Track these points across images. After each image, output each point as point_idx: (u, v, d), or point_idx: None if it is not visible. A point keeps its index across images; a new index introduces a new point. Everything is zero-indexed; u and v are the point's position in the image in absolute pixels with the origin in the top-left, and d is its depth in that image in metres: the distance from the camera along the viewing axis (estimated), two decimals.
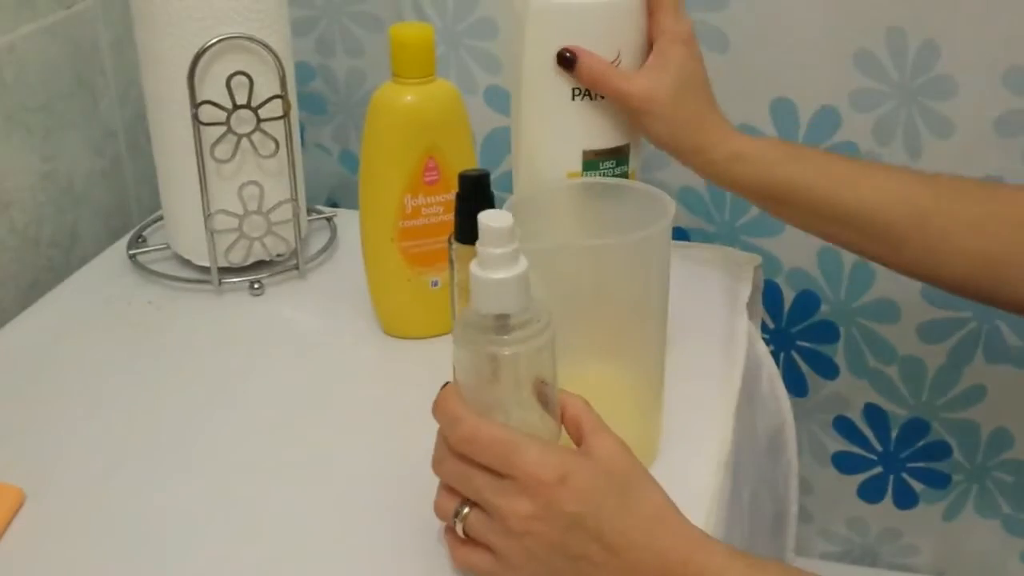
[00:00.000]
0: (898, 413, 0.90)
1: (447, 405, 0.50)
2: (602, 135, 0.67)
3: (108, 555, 0.54)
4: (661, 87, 0.64)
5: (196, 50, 0.69)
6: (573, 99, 0.66)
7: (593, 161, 0.67)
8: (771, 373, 0.76)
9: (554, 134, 0.67)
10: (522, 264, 0.48)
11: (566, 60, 0.64)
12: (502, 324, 0.48)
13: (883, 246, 0.64)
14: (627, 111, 0.65)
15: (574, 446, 0.50)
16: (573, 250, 0.55)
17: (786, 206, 0.66)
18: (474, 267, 0.48)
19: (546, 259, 0.51)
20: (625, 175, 0.68)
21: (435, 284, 0.70)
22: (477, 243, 0.48)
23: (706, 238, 0.90)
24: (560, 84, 0.65)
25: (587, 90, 0.65)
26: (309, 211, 0.83)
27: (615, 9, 0.64)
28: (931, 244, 0.62)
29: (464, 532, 0.50)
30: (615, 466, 0.49)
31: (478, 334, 0.49)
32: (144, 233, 0.83)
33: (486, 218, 0.48)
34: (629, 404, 0.59)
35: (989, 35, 0.74)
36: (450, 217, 0.59)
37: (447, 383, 0.52)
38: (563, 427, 0.51)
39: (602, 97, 0.65)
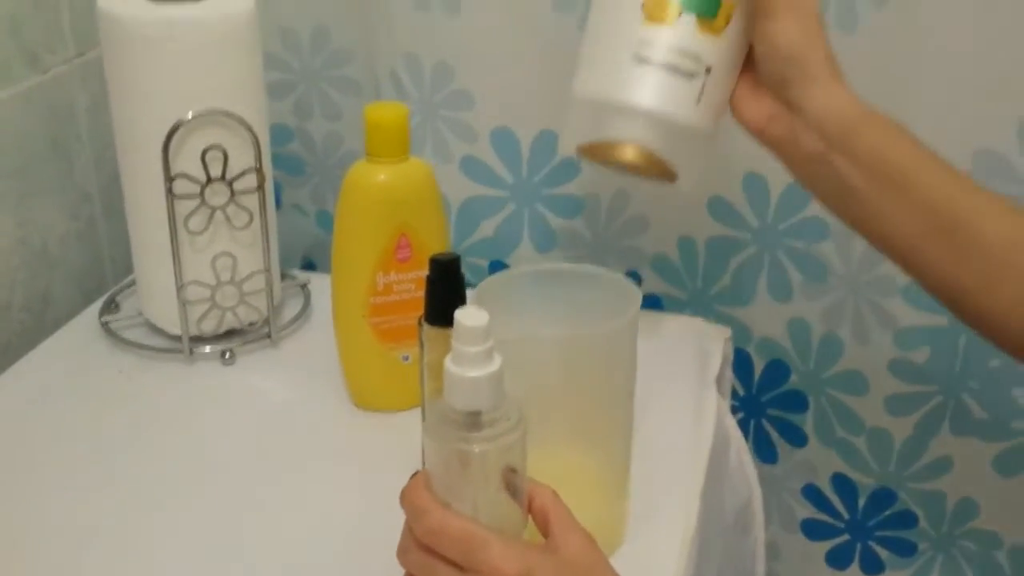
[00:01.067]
0: (865, 482, 0.90)
1: (414, 496, 0.50)
2: None
3: None
4: None
5: (171, 124, 0.69)
6: None
7: None
8: (739, 447, 0.77)
9: None
10: (496, 362, 0.48)
11: None
12: (474, 421, 0.49)
13: (980, 275, 0.57)
14: (759, 2, 0.57)
15: (541, 535, 0.51)
16: (542, 341, 0.55)
17: (893, 192, 0.57)
18: (448, 363, 0.49)
19: (516, 349, 0.52)
20: (716, 6, 0.58)
21: (406, 359, 0.70)
22: (452, 340, 0.48)
23: (677, 305, 0.91)
24: None
25: None
26: (283, 276, 0.83)
27: None
28: None
29: None
30: (579, 562, 0.49)
31: (450, 429, 0.49)
32: (118, 298, 0.83)
33: (461, 316, 0.48)
34: (596, 490, 0.60)
35: (957, 117, 0.76)
36: (421, 293, 0.60)
37: (416, 472, 0.52)
38: (531, 517, 0.51)
39: None
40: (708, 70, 0.58)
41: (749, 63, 0.61)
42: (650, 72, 0.57)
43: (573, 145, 0.62)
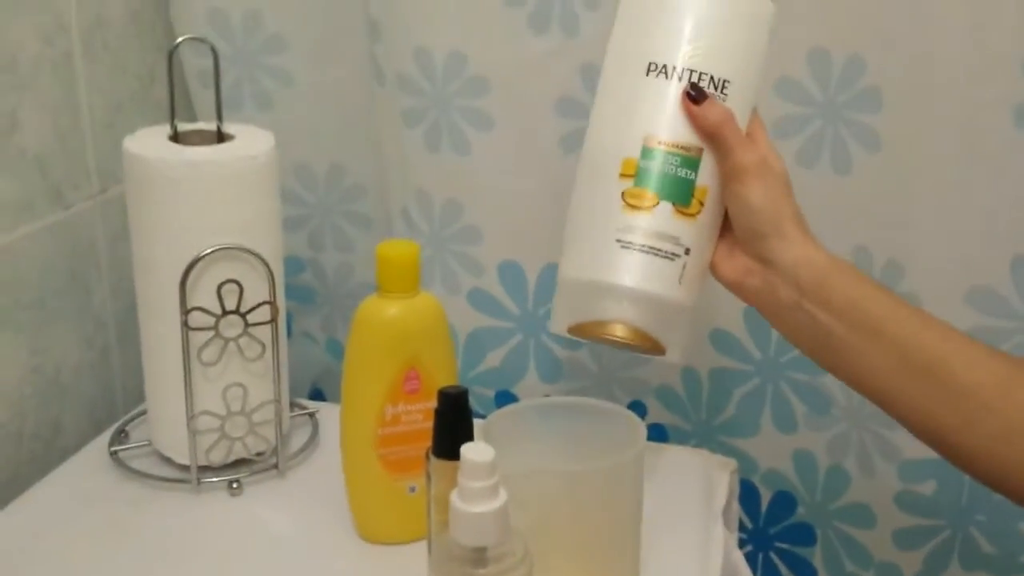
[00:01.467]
0: None
1: None
2: (672, 123, 0.62)
3: None
4: (776, 160, 0.62)
5: (189, 259, 0.71)
6: (648, 74, 0.62)
7: (654, 151, 0.62)
8: None
9: (618, 111, 0.64)
10: (502, 497, 0.49)
11: (692, 96, 0.61)
12: (479, 557, 0.49)
13: (957, 414, 0.59)
14: (730, 168, 0.62)
15: None
16: (547, 474, 0.56)
17: (868, 337, 0.60)
18: (454, 499, 0.49)
19: (521, 483, 0.52)
20: (690, 186, 0.62)
21: (412, 490, 0.71)
22: (458, 475, 0.49)
23: (682, 436, 0.92)
24: (637, 54, 0.62)
25: (663, 67, 0.62)
26: (292, 406, 0.84)
27: None
28: (1014, 423, 0.58)
29: None
30: None
31: (455, 565, 0.50)
32: (128, 427, 0.84)
33: (468, 451, 0.49)
34: None
35: (951, 255, 0.78)
36: (429, 424, 0.61)
37: None
38: None
39: (680, 79, 0.61)
40: (687, 251, 0.63)
41: (725, 226, 0.65)
42: (634, 255, 0.62)
43: (564, 325, 0.65)
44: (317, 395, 1.01)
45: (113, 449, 0.80)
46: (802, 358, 0.83)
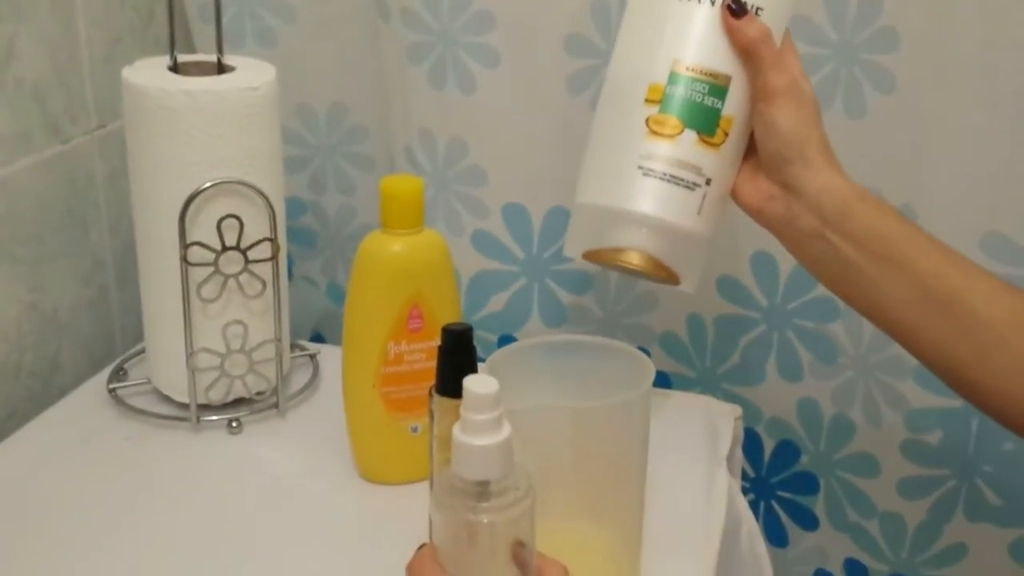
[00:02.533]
0: (878, 569, 0.89)
1: (421, 568, 0.49)
2: (702, 49, 0.61)
3: None
4: (807, 85, 0.61)
5: (189, 193, 0.70)
6: None
7: (681, 77, 0.61)
8: (751, 530, 0.76)
9: (647, 34, 0.62)
10: (505, 431, 0.48)
11: (733, 10, 0.60)
12: (482, 491, 0.48)
13: (973, 348, 0.59)
14: (761, 88, 0.60)
15: None
16: (553, 411, 0.55)
17: (888, 268, 0.59)
18: (457, 432, 0.48)
19: (527, 419, 0.51)
20: (716, 115, 0.61)
21: (415, 430, 0.70)
22: (461, 407, 0.48)
23: (686, 384, 0.91)
24: None
25: None
26: (292, 347, 0.83)
27: None
28: None
29: None
30: None
31: (457, 499, 0.48)
32: (126, 365, 0.83)
33: (471, 383, 0.48)
34: (607, 566, 0.59)
35: (966, 201, 0.76)
36: (432, 364, 0.59)
37: (423, 544, 0.51)
38: None
39: (712, 2, 0.60)
40: (708, 181, 0.62)
41: (748, 149, 0.64)
42: (654, 182, 0.61)
43: (579, 250, 0.65)
44: (318, 340, 1.00)
45: (112, 386, 0.79)
46: (810, 305, 0.84)
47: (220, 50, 0.75)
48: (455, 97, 0.84)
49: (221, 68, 0.75)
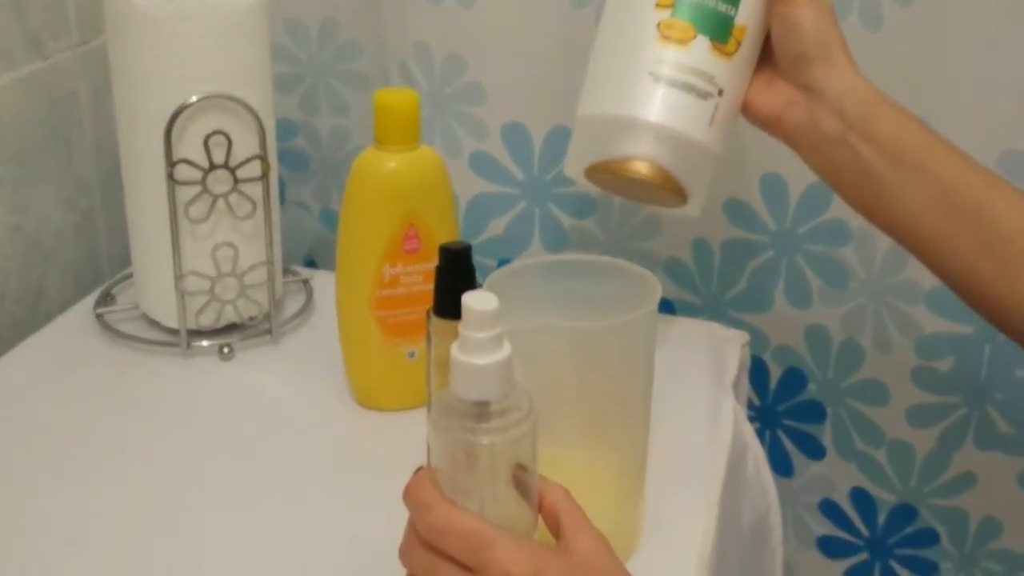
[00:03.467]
0: (886, 498, 0.87)
1: (419, 491, 0.47)
2: None
3: None
4: None
5: (174, 108, 0.67)
6: None
7: None
8: (757, 456, 0.74)
9: None
10: (505, 349, 0.46)
11: None
12: (482, 411, 0.46)
13: (995, 261, 0.57)
14: None
15: (551, 537, 0.48)
16: (556, 331, 0.52)
17: (911, 175, 0.57)
18: (455, 351, 0.46)
19: (527, 339, 0.49)
20: (730, 23, 0.59)
21: (412, 355, 0.68)
22: (459, 326, 0.46)
23: (692, 311, 0.88)
24: None
25: None
26: (285, 272, 0.80)
27: None
28: None
29: None
30: (593, 565, 0.46)
31: (455, 420, 0.46)
32: (113, 291, 0.80)
33: (470, 300, 0.46)
34: (610, 492, 0.57)
35: (984, 118, 0.73)
36: (429, 287, 0.57)
37: (420, 468, 0.49)
38: (541, 517, 0.49)
39: None
40: (720, 92, 0.59)
41: (762, 58, 0.61)
42: (665, 88, 0.58)
43: (581, 167, 0.61)
44: (311, 267, 0.97)
45: (99, 311, 0.77)
46: (820, 229, 0.81)
47: None
48: (453, 10, 0.80)
49: None
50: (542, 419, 0.48)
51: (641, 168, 0.59)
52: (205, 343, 0.73)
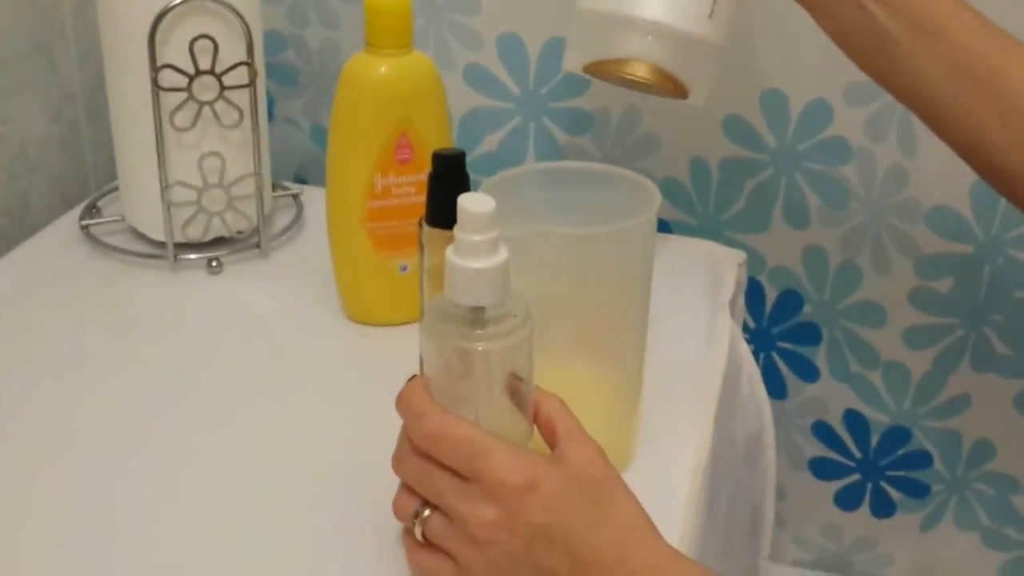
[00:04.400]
0: (879, 420, 0.87)
1: (412, 399, 0.46)
2: None
3: (43, 547, 0.50)
4: None
5: (158, 10, 0.65)
6: None
7: None
8: (752, 375, 0.73)
9: None
10: (502, 254, 0.44)
11: None
12: (477, 317, 0.45)
13: (1008, 131, 0.56)
14: None
15: (547, 447, 0.47)
16: (551, 238, 0.51)
17: (926, 38, 0.56)
18: (450, 254, 0.45)
19: (522, 246, 0.48)
20: None
21: (404, 269, 0.66)
22: (455, 228, 0.44)
23: (688, 231, 0.87)
24: None
25: None
26: (274, 187, 0.79)
27: None
28: None
29: (423, 536, 0.46)
30: (589, 474, 0.45)
31: (450, 326, 0.45)
32: (99, 204, 0.79)
33: (466, 201, 0.44)
34: (606, 404, 0.56)
35: None
36: (422, 198, 0.55)
37: (414, 376, 0.48)
38: (536, 427, 0.48)
39: None
40: None
41: None
42: None
43: (579, 62, 0.60)
44: (301, 184, 0.95)
45: (84, 223, 0.75)
46: (821, 147, 0.80)
47: None
48: None
49: None
50: (537, 329, 0.47)
51: (639, 70, 0.57)
52: (192, 256, 0.72)
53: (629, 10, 0.56)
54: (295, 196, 0.80)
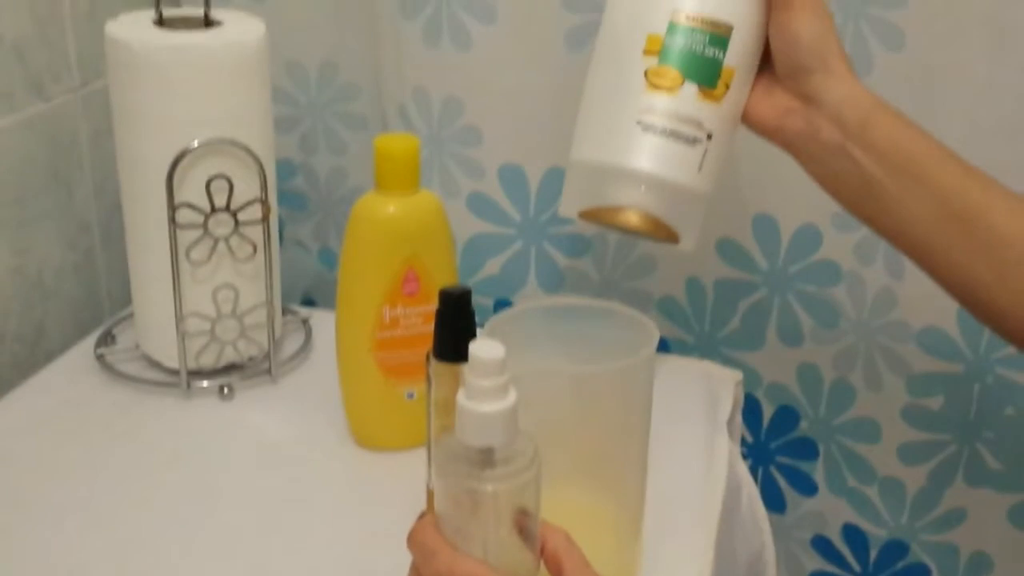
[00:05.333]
0: (877, 534, 0.88)
1: (423, 537, 0.48)
2: None
3: None
4: None
5: (176, 153, 0.68)
6: None
7: (681, 27, 0.58)
8: (751, 495, 0.75)
9: None
10: (511, 397, 0.47)
11: None
12: (487, 458, 0.47)
13: (992, 267, 0.58)
14: None
15: None
16: (555, 376, 0.53)
17: (909, 182, 0.58)
18: (461, 397, 0.47)
19: (528, 383, 0.50)
20: (718, 67, 0.59)
21: (410, 396, 0.68)
22: (465, 371, 0.47)
23: (685, 349, 0.90)
24: None
25: None
26: (284, 311, 0.81)
27: None
28: None
29: None
30: None
31: (460, 466, 0.47)
32: (114, 331, 0.81)
33: (476, 348, 0.46)
34: (608, 532, 0.57)
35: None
36: (429, 328, 0.58)
37: (423, 513, 0.50)
38: (543, 562, 0.49)
39: None
40: (709, 136, 0.59)
41: (761, 67, 0.61)
42: (654, 138, 0.59)
43: (575, 209, 0.62)
44: (309, 306, 0.98)
45: (99, 352, 0.77)
46: (812, 269, 0.83)
47: (207, 3, 0.72)
48: (450, 54, 0.82)
49: (208, 22, 0.72)
50: (543, 461, 0.48)
51: (632, 219, 0.59)
52: (205, 383, 0.74)
53: (624, 162, 0.59)
54: (304, 321, 0.83)
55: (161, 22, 0.71)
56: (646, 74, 0.59)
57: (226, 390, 0.74)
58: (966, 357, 0.80)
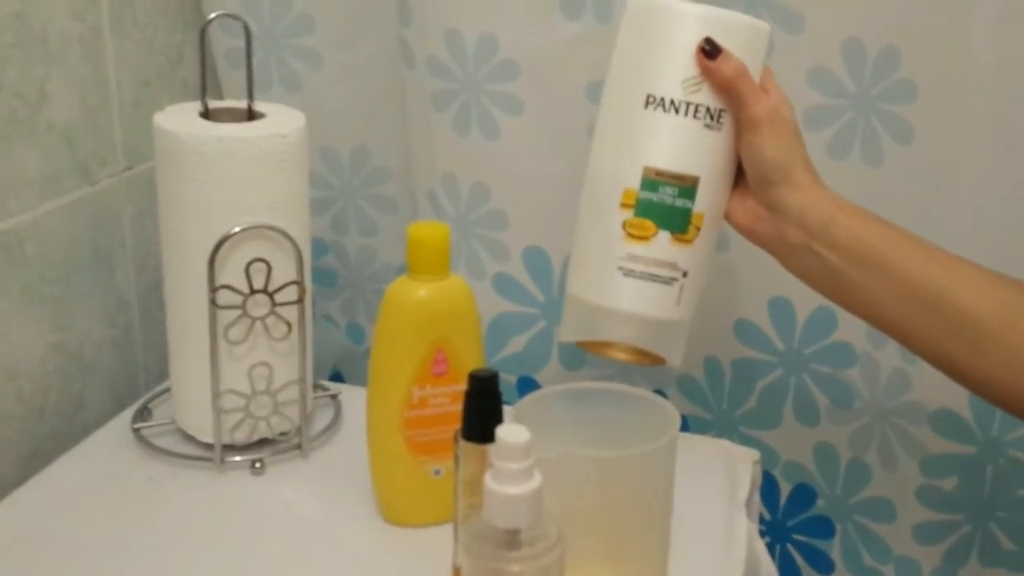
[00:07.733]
0: None
1: None
2: (670, 154, 0.64)
3: None
4: (787, 109, 0.65)
5: (218, 237, 0.71)
6: (646, 106, 0.64)
7: (653, 182, 0.64)
8: (770, 574, 0.76)
9: (618, 142, 0.66)
10: (536, 480, 0.49)
11: (707, 52, 0.63)
12: (513, 539, 0.49)
13: (964, 344, 0.61)
14: (745, 120, 0.63)
15: None
16: (579, 460, 0.56)
17: (873, 272, 0.62)
18: (488, 480, 0.49)
19: (552, 467, 0.52)
20: (688, 215, 0.65)
21: (437, 473, 0.71)
22: (492, 455, 0.49)
23: (703, 426, 0.91)
24: (636, 86, 0.64)
25: (661, 100, 0.63)
26: (315, 387, 0.84)
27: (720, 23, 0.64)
28: (1019, 351, 0.60)
29: None
30: None
31: (487, 547, 0.49)
32: (150, 405, 0.84)
33: (503, 433, 0.49)
34: None
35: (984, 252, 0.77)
36: (456, 407, 0.60)
37: None
38: None
39: (677, 111, 0.63)
40: (685, 274, 0.66)
41: (738, 176, 0.67)
42: (635, 282, 0.65)
43: (571, 338, 0.69)
44: (337, 378, 1.01)
45: (136, 426, 0.80)
46: (827, 350, 0.85)
47: (251, 97, 0.76)
48: (478, 143, 0.85)
49: (251, 114, 0.76)
50: (566, 543, 0.51)
51: (620, 352, 0.67)
52: (238, 458, 0.76)
53: (610, 304, 0.65)
54: (334, 396, 0.85)
55: (207, 114, 0.75)
56: (624, 225, 0.65)
57: (258, 465, 0.76)
58: (978, 439, 0.82)
